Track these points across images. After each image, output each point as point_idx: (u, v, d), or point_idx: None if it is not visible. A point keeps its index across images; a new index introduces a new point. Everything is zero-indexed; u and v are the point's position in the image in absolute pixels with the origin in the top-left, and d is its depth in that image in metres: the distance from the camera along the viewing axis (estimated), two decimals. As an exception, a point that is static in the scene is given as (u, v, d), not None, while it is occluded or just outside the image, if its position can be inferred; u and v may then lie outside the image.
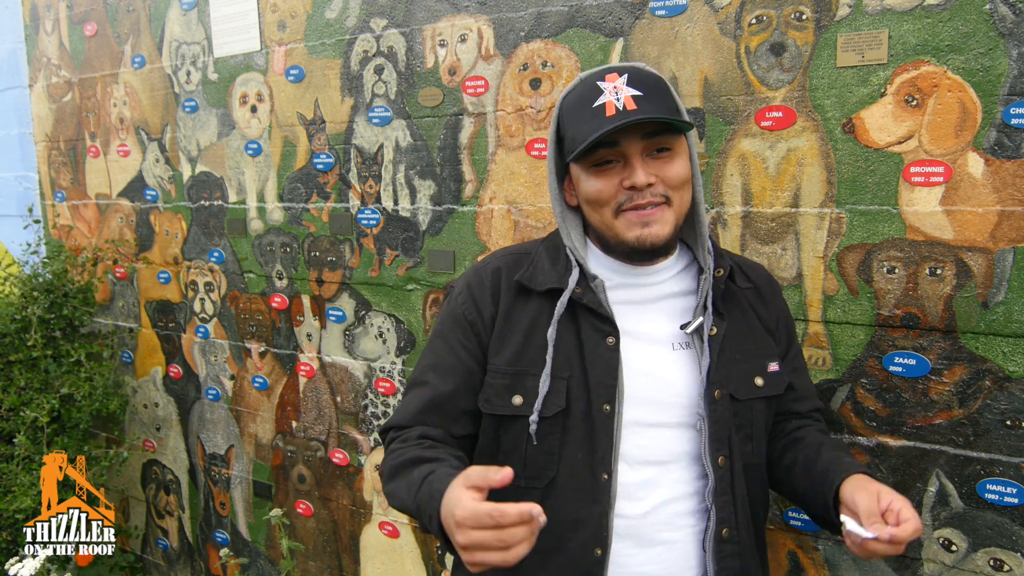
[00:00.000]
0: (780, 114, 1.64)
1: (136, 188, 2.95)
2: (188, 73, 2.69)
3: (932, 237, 1.52)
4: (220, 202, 2.68)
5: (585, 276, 1.31)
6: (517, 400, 1.29)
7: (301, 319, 2.53)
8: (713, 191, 1.74)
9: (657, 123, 1.23)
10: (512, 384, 1.30)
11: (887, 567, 1.63)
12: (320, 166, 2.39)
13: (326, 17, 2.31)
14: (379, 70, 2.23)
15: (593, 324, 1.29)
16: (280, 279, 2.56)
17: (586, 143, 1.21)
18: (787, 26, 1.62)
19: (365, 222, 2.32)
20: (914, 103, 1.50)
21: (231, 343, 2.75)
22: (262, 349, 2.65)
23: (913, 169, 1.52)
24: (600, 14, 1.84)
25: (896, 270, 1.56)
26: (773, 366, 1.37)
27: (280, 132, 2.47)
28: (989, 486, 1.51)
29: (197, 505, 3.00)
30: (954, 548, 1.56)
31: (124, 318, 3.11)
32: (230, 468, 2.84)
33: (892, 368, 1.58)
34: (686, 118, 1.30)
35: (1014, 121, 1.42)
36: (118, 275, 3.08)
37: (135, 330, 3.08)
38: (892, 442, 1.60)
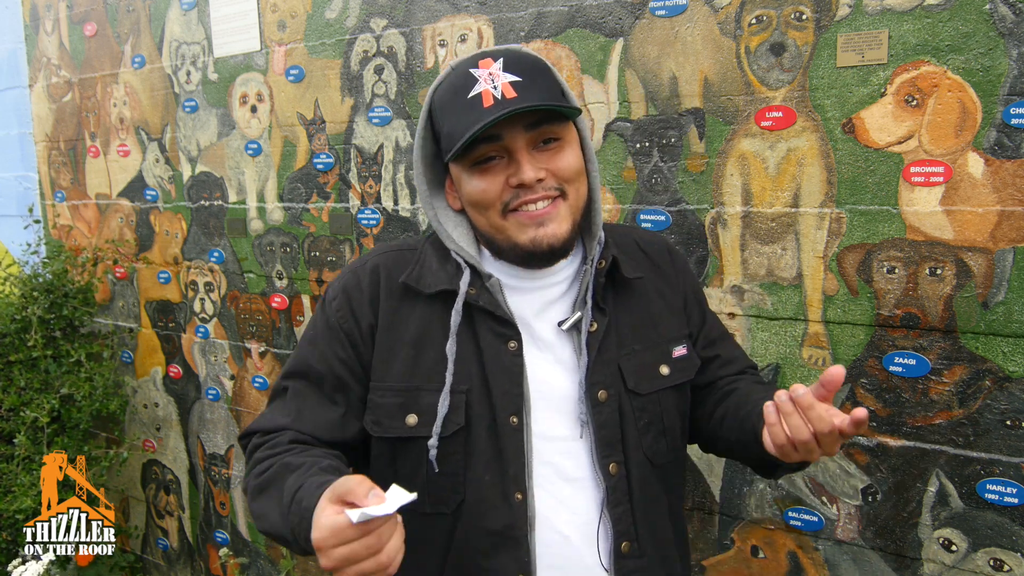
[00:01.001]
0: (780, 114, 1.64)
1: (136, 188, 2.95)
2: (188, 73, 2.69)
3: (932, 237, 1.52)
4: (220, 202, 2.68)
5: (479, 275, 1.17)
6: (411, 420, 1.14)
7: (301, 319, 2.53)
8: (713, 191, 1.74)
9: (541, 112, 1.09)
10: (405, 403, 1.15)
11: (887, 567, 1.64)
12: (320, 166, 2.39)
13: (326, 17, 2.31)
14: (379, 70, 2.23)
15: (492, 328, 1.16)
16: (280, 279, 2.56)
17: (463, 140, 1.07)
18: (787, 26, 1.62)
19: (365, 222, 2.32)
20: (914, 103, 1.50)
21: (231, 343, 2.75)
22: (262, 349, 2.65)
23: (913, 169, 1.52)
24: (600, 14, 1.84)
25: (896, 270, 1.56)
26: (680, 350, 1.25)
27: (280, 132, 2.47)
28: (989, 486, 1.51)
29: (197, 505, 3.00)
30: (954, 548, 1.56)
31: (124, 318, 3.11)
32: (230, 468, 2.84)
33: (892, 368, 1.58)
34: (574, 102, 1.17)
35: (1014, 121, 1.42)
36: (118, 275, 3.08)
37: (135, 330, 3.08)
38: (892, 442, 1.60)
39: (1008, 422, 1.48)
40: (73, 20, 3.03)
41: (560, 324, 1.19)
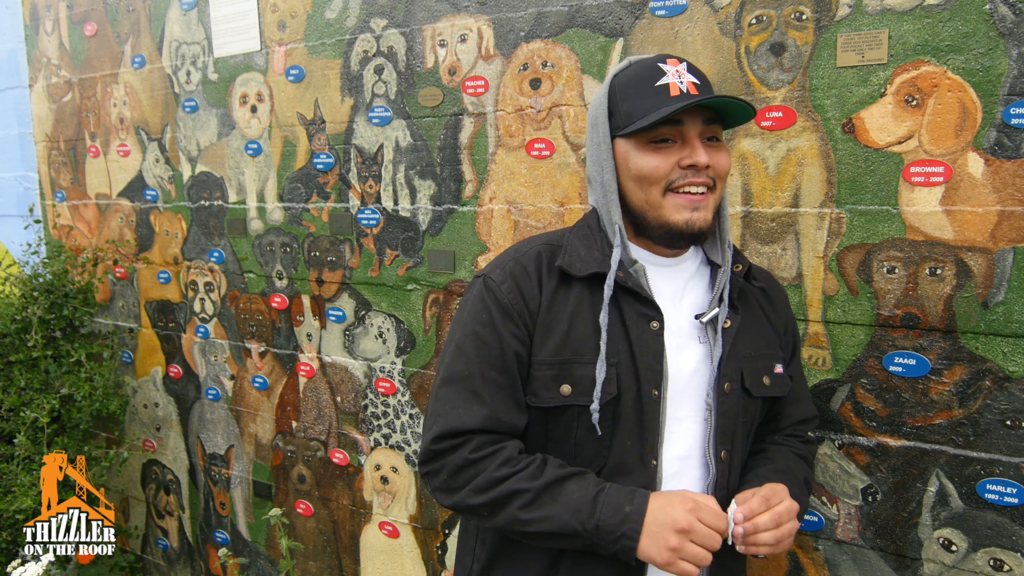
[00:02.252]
0: (780, 114, 1.64)
1: (136, 188, 2.95)
2: (188, 73, 2.69)
3: (932, 237, 1.52)
4: (220, 202, 2.68)
5: (623, 261, 1.29)
6: (565, 390, 1.25)
7: (301, 319, 2.53)
8: (713, 191, 1.74)
9: (713, 112, 1.25)
10: (559, 374, 1.26)
11: (887, 567, 1.64)
12: (320, 166, 2.39)
13: (326, 17, 2.31)
14: (379, 70, 2.23)
15: (637, 308, 1.27)
16: (280, 279, 2.56)
17: (657, 114, 1.20)
18: (787, 26, 1.62)
19: (365, 222, 2.32)
20: (914, 103, 1.50)
21: (231, 343, 2.75)
22: (262, 349, 2.65)
23: (913, 169, 1.52)
24: (600, 14, 1.84)
25: (896, 270, 1.56)
26: (779, 368, 1.38)
27: (280, 132, 2.47)
28: (989, 486, 1.51)
29: (197, 505, 3.00)
30: (954, 548, 1.56)
31: (124, 318, 3.11)
32: (230, 468, 2.84)
33: (892, 368, 1.58)
34: None
35: (1014, 121, 1.42)
36: (118, 275, 3.08)
37: (135, 330, 3.08)
38: (892, 442, 1.60)
39: (1008, 422, 1.48)
40: (73, 20, 3.03)
41: (698, 317, 1.31)
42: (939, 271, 1.52)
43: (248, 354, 2.70)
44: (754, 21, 1.65)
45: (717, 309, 1.30)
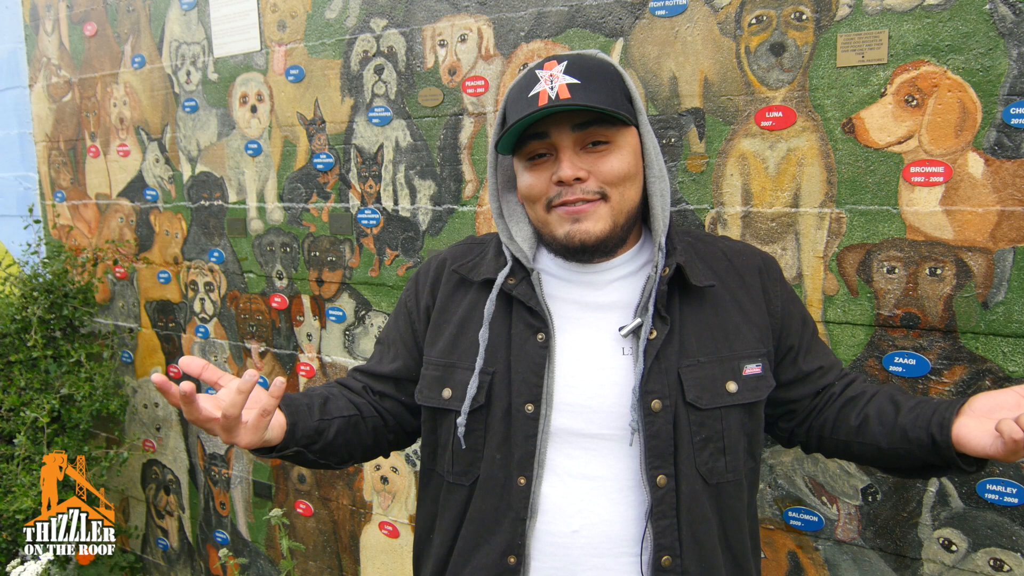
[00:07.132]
0: (780, 114, 1.64)
1: (136, 188, 2.95)
2: (188, 73, 2.69)
3: (932, 237, 1.52)
4: (220, 202, 2.68)
5: (524, 268, 1.24)
6: (447, 393, 1.24)
7: (301, 319, 2.53)
8: (713, 191, 1.74)
9: (591, 113, 1.13)
10: (442, 376, 1.26)
11: (887, 567, 1.64)
12: (320, 166, 2.39)
13: (326, 17, 2.31)
14: (379, 70, 2.23)
15: (525, 319, 1.21)
16: (280, 279, 2.56)
17: (504, 131, 1.16)
18: (787, 26, 1.62)
19: (365, 222, 2.32)
20: (914, 103, 1.50)
21: (231, 343, 2.75)
22: (262, 349, 2.65)
23: (913, 169, 1.52)
24: (600, 14, 1.84)
25: (896, 270, 1.56)
26: (752, 368, 1.21)
27: (280, 132, 2.47)
28: (989, 486, 1.51)
29: (197, 505, 3.00)
30: (954, 548, 1.56)
31: (124, 318, 3.11)
32: (230, 468, 2.84)
33: (892, 368, 1.58)
34: (638, 106, 1.21)
35: (1014, 121, 1.42)
36: (118, 275, 3.08)
37: (135, 330, 3.08)
38: (892, 442, 1.60)
39: (1008, 422, 1.48)
40: (73, 20, 3.03)
41: (620, 329, 1.19)
42: (939, 271, 1.52)
43: (248, 354, 2.70)
44: (754, 21, 1.65)
45: (639, 320, 1.18)
